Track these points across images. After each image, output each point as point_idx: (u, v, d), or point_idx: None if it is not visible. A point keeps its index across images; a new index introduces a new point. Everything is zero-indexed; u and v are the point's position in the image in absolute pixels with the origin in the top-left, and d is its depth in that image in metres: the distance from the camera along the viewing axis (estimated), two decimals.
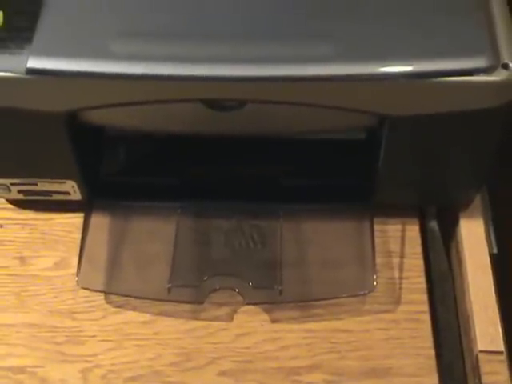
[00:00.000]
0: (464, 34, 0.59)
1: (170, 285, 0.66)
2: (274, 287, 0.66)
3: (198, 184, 0.72)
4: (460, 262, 0.70)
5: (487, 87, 0.59)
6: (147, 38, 0.60)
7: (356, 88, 0.59)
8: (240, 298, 0.67)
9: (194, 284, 0.67)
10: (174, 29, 0.61)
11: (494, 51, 0.59)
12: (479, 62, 0.58)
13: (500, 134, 0.64)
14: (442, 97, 0.59)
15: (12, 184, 0.70)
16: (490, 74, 0.58)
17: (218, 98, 0.61)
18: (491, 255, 0.70)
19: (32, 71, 0.59)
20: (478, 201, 0.73)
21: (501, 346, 0.65)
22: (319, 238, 0.70)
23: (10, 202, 0.74)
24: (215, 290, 0.67)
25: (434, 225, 0.74)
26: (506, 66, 0.59)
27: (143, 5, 0.62)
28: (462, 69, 0.58)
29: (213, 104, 0.62)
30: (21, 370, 0.65)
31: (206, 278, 0.67)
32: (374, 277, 0.67)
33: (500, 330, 0.66)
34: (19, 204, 0.74)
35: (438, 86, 0.58)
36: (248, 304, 0.67)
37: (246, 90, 0.60)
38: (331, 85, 0.59)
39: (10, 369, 0.65)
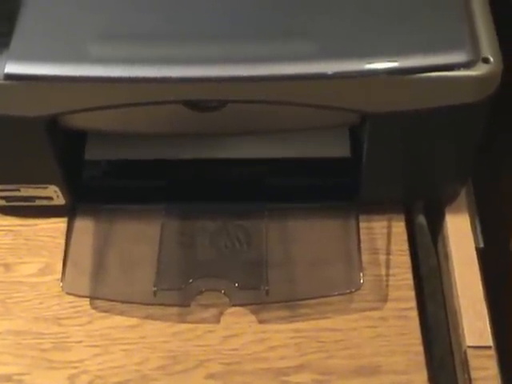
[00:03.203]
0: (444, 28, 0.59)
1: (155, 288, 0.66)
2: (260, 287, 0.66)
3: (182, 185, 0.72)
4: (446, 256, 0.70)
5: (468, 82, 0.59)
6: (126, 41, 0.60)
7: (337, 86, 0.59)
8: (226, 300, 0.66)
9: (179, 287, 0.66)
10: (152, 31, 0.60)
11: (474, 45, 0.59)
12: (459, 57, 0.58)
13: (482, 128, 0.64)
14: (423, 92, 0.59)
15: None
16: (470, 68, 0.58)
17: (199, 98, 0.61)
18: (478, 249, 0.70)
19: (10, 77, 0.58)
20: (463, 195, 0.73)
21: (489, 340, 0.65)
22: (305, 236, 0.70)
23: None
24: (201, 292, 0.67)
25: (421, 220, 0.74)
26: (486, 60, 0.58)
27: (121, 7, 0.61)
28: (443, 64, 0.58)
29: (194, 105, 0.61)
30: (7, 378, 0.65)
31: (191, 280, 0.67)
32: (361, 274, 0.67)
33: (488, 324, 0.65)
34: (2, 210, 0.73)
35: (419, 82, 0.58)
36: (234, 305, 0.67)
37: (227, 90, 0.60)
38: (312, 83, 0.59)
39: None
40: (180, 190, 0.72)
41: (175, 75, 0.58)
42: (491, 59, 0.58)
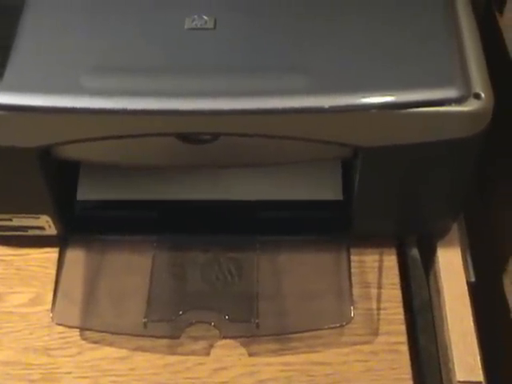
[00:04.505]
0: (435, 64, 0.60)
1: (146, 319, 0.66)
2: (250, 320, 0.66)
3: (173, 217, 0.72)
4: (438, 291, 0.70)
5: (459, 117, 0.59)
6: (119, 73, 0.60)
7: (329, 120, 0.59)
8: (216, 332, 0.66)
9: (170, 318, 0.66)
10: (145, 63, 0.61)
11: (466, 81, 0.59)
12: (451, 93, 0.58)
13: (474, 163, 0.64)
14: (415, 127, 0.59)
15: None
16: (461, 104, 0.58)
17: (192, 131, 0.61)
18: (469, 283, 0.70)
19: (3, 107, 0.59)
20: (455, 229, 0.73)
21: (480, 376, 0.64)
22: (296, 269, 0.70)
23: None
24: (191, 324, 0.66)
25: (415, 253, 0.74)
26: (477, 96, 0.59)
27: (114, 40, 0.62)
28: (434, 99, 0.58)
29: (186, 137, 0.62)
30: None
31: (181, 312, 0.66)
32: (352, 308, 0.66)
33: (479, 359, 0.65)
34: None
35: (411, 117, 0.59)
36: (225, 338, 0.67)
37: (220, 123, 0.60)
38: (305, 117, 0.59)
39: None
40: (171, 221, 0.72)
41: (168, 108, 0.59)
42: (482, 95, 0.59)
